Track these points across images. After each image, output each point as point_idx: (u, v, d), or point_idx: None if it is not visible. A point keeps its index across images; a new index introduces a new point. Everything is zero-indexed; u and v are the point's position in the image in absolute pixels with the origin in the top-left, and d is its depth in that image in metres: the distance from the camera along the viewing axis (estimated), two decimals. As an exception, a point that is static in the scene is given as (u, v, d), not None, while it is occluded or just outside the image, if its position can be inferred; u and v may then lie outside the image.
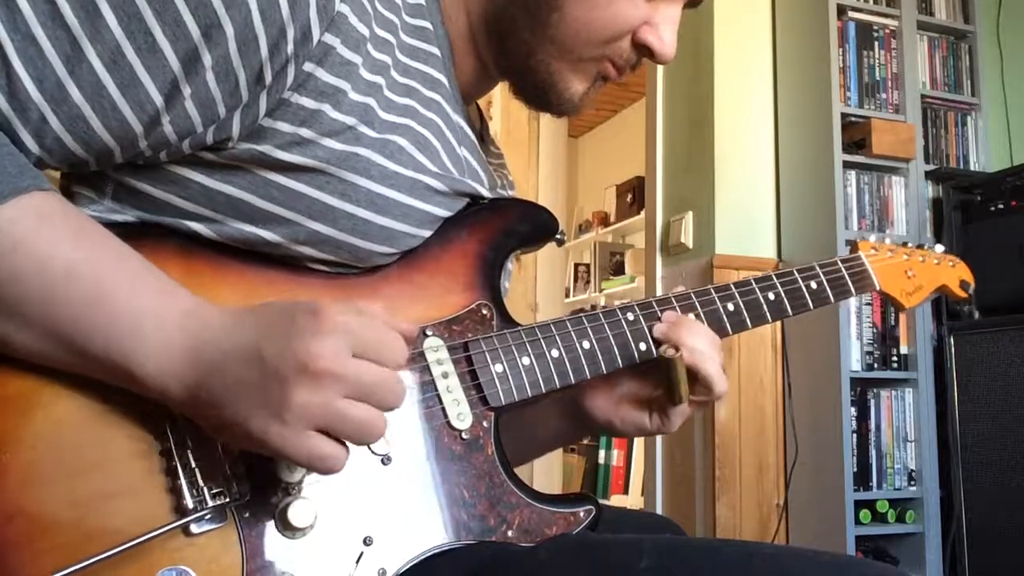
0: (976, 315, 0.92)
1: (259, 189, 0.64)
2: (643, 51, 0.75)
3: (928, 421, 2.46)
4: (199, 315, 0.58)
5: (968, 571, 2.24)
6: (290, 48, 0.60)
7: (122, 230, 0.61)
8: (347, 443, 0.58)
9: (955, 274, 1.06)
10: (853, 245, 0.99)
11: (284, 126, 0.63)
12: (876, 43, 2.63)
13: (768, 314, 0.87)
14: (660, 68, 2.93)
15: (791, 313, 0.89)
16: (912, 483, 2.45)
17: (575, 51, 0.74)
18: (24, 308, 0.54)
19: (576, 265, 5.83)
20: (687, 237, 2.69)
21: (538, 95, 0.78)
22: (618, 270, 5.39)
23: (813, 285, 0.90)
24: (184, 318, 0.58)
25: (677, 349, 0.76)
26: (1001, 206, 2.37)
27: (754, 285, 0.87)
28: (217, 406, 0.56)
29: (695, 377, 0.78)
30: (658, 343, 0.79)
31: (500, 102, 3.37)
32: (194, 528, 0.58)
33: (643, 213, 3.63)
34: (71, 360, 0.56)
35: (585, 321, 0.78)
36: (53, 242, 0.55)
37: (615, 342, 0.78)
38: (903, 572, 0.67)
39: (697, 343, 0.78)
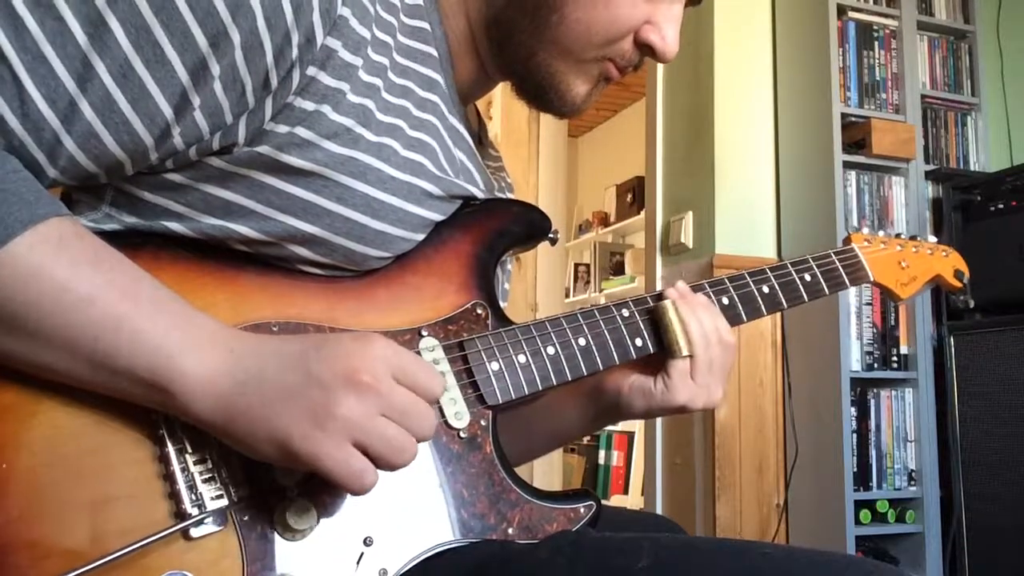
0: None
1: (256, 193, 0.64)
2: (645, 50, 0.75)
3: (928, 421, 2.45)
4: (229, 331, 0.59)
5: (968, 571, 2.24)
6: (295, 53, 0.60)
7: (119, 240, 0.61)
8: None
9: (949, 264, 1.06)
10: (846, 238, 0.99)
11: (282, 128, 0.63)
12: (876, 43, 2.63)
13: (763, 307, 0.88)
14: (660, 68, 2.92)
15: (786, 306, 0.89)
16: (912, 483, 2.45)
17: (576, 52, 0.74)
18: (44, 331, 0.55)
19: (576, 265, 5.83)
20: (687, 237, 2.69)
21: (539, 96, 0.78)
22: (618, 270, 5.39)
23: (807, 277, 0.91)
24: (214, 332, 0.58)
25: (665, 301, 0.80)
26: (1001, 206, 2.37)
27: (748, 279, 0.88)
28: (253, 415, 0.56)
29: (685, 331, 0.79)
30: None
31: (500, 102, 3.37)
32: (194, 532, 0.58)
33: (643, 213, 3.63)
34: (93, 378, 0.56)
35: (581, 318, 0.78)
36: (73, 267, 0.55)
37: (611, 338, 0.79)
38: (903, 572, 0.67)
39: (689, 299, 0.80)
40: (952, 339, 2.34)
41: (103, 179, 0.62)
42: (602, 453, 4.70)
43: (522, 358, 0.74)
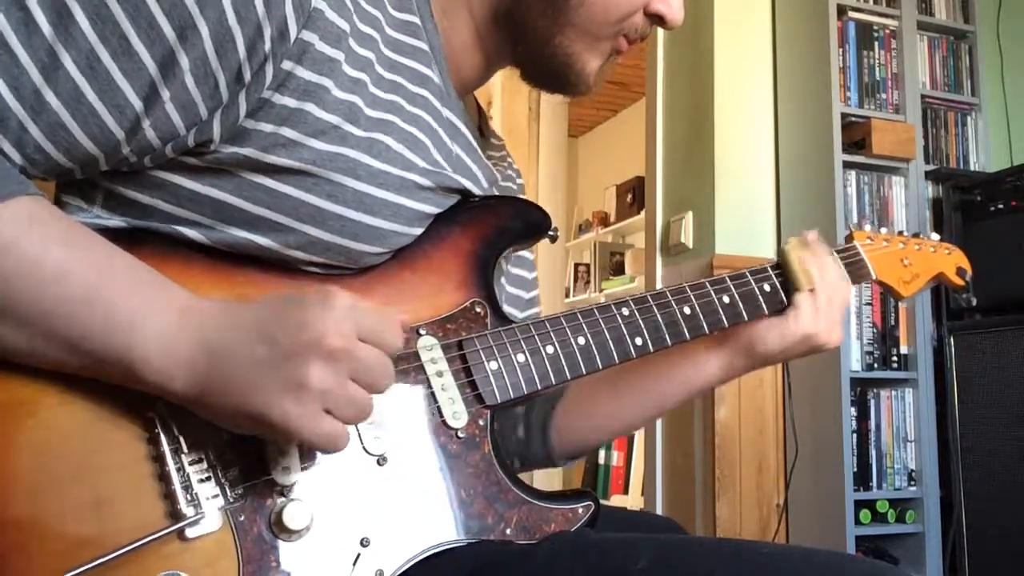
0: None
1: (245, 192, 0.64)
2: (655, 20, 0.78)
3: (928, 421, 2.45)
4: (199, 304, 0.59)
5: (968, 571, 2.23)
6: (267, 46, 0.59)
7: (113, 235, 0.61)
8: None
9: (952, 261, 1.05)
10: (848, 235, 0.99)
11: (266, 127, 0.62)
12: (876, 43, 2.62)
13: (764, 305, 0.88)
14: (660, 68, 2.92)
15: (787, 304, 0.90)
16: (912, 483, 2.45)
17: (593, 31, 0.76)
18: (17, 309, 0.54)
19: (576, 265, 5.82)
20: (687, 237, 2.69)
21: (555, 78, 0.79)
22: (618, 270, 5.39)
23: None
24: (184, 308, 0.58)
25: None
26: (1001, 206, 2.36)
27: (749, 277, 0.88)
28: (227, 391, 0.56)
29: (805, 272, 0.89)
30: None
31: (500, 102, 3.37)
32: (189, 533, 0.58)
33: (643, 213, 3.63)
34: (68, 360, 0.56)
35: (580, 317, 0.77)
36: (44, 244, 0.54)
37: (610, 336, 0.78)
38: (903, 572, 0.67)
39: (807, 244, 0.91)
40: (952, 339, 2.34)
41: (78, 174, 0.61)
42: (602, 453, 4.70)
43: (521, 357, 0.73)
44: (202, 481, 0.59)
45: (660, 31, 2.73)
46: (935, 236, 1.07)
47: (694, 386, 0.91)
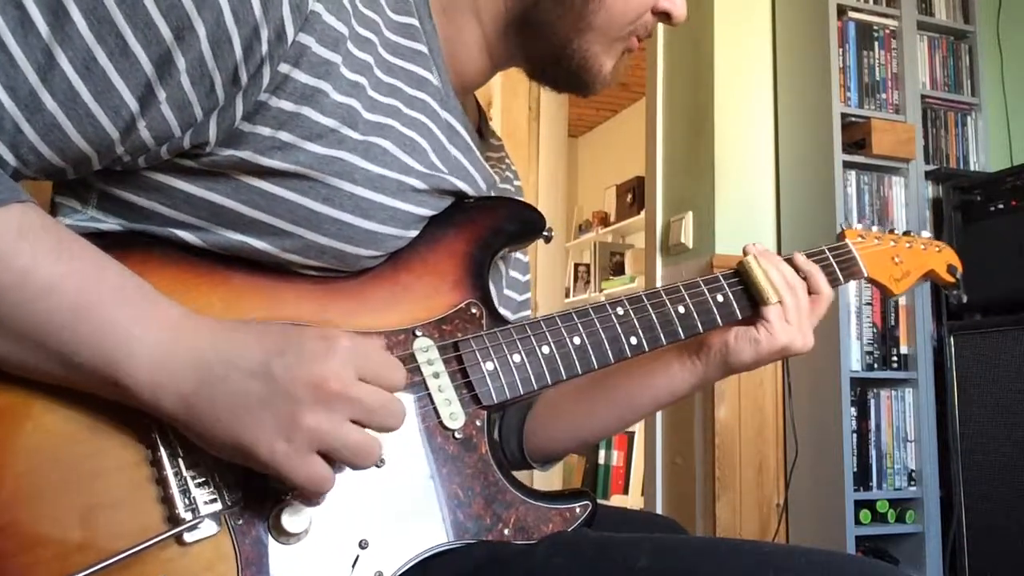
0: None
1: (241, 195, 0.63)
2: (662, 18, 0.81)
3: (928, 421, 2.45)
4: (193, 322, 0.58)
5: (968, 571, 2.23)
6: (264, 48, 0.59)
7: (107, 239, 0.61)
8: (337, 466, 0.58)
9: (942, 259, 1.06)
10: (840, 233, 0.99)
11: (264, 130, 0.62)
12: (876, 43, 2.62)
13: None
14: (660, 68, 2.92)
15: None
16: (912, 483, 2.45)
17: (611, 32, 0.78)
18: (7, 322, 0.54)
19: (576, 265, 5.82)
20: (687, 237, 2.69)
21: (570, 79, 0.81)
22: (618, 270, 5.39)
23: None
24: (176, 324, 0.57)
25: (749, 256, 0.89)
26: (1001, 206, 2.36)
27: (733, 279, 0.89)
28: (215, 418, 0.55)
29: (770, 281, 0.88)
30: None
31: (500, 102, 3.37)
32: (187, 537, 0.58)
33: (643, 213, 3.62)
34: (61, 373, 0.56)
35: (575, 317, 0.77)
36: (33, 256, 0.54)
37: (605, 336, 0.78)
38: (903, 572, 0.67)
39: (767, 255, 0.89)
40: (952, 339, 2.34)
41: (71, 174, 0.61)
42: (602, 453, 4.69)
43: (517, 357, 0.73)
44: (200, 486, 0.59)
45: (659, 31, 2.73)
46: (926, 234, 1.08)
47: (665, 396, 0.92)
